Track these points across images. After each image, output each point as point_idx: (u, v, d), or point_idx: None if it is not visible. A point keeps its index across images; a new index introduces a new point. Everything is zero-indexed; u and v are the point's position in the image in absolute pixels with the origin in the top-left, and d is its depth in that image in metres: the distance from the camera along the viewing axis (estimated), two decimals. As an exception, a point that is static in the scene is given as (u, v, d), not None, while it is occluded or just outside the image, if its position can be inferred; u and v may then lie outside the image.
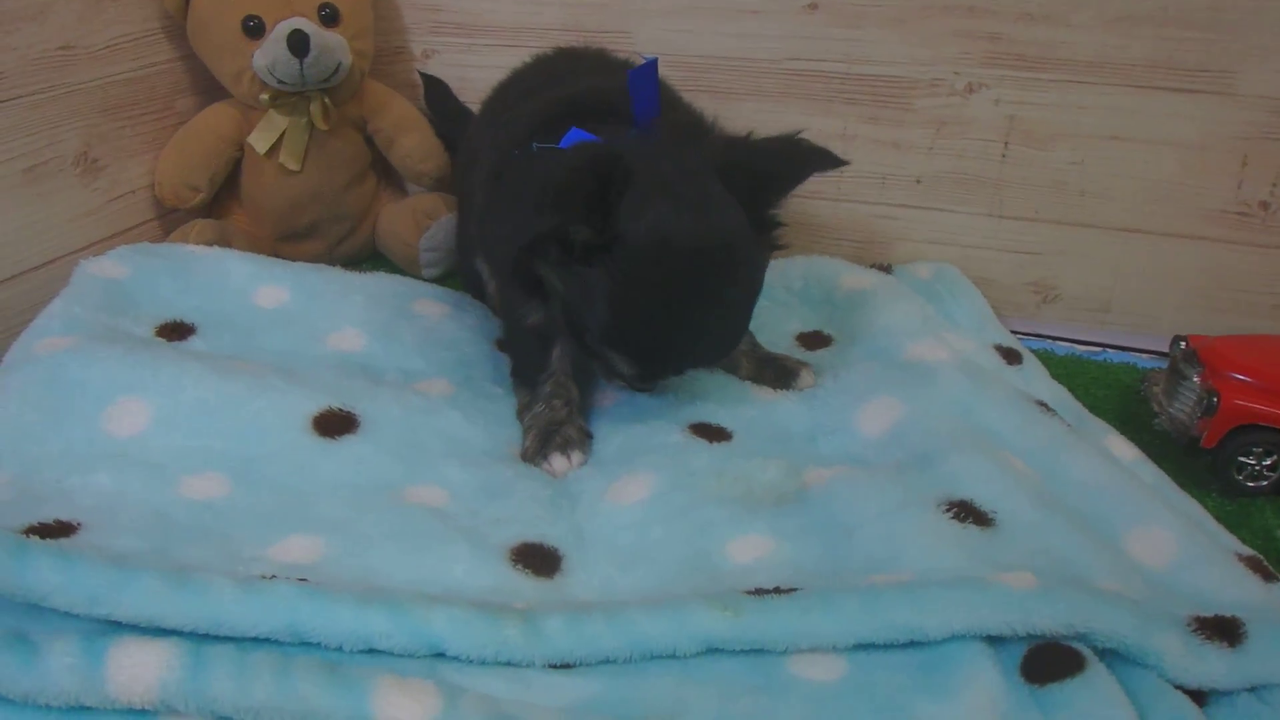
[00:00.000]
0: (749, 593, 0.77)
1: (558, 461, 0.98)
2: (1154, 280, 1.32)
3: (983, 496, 0.89)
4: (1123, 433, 1.10)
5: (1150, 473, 1.02)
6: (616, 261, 0.86)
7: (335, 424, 0.97)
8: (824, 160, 0.96)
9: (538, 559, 0.85)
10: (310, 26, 1.27)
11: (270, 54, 1.27)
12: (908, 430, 1.01)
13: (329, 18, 1.31)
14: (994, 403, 1.05)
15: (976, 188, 1.34)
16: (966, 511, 0.87)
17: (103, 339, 1.01)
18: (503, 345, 1.17)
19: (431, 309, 1.23)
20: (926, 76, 1.31)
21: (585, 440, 1.02)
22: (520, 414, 1.06)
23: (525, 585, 0.81)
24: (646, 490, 0.93)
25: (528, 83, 1.14)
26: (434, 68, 1.47)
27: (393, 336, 1.15)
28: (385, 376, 1.09)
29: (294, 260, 1.31)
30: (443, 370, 1.12)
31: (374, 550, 0.82)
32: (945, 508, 0.87)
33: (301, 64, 1.27)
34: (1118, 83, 1.25)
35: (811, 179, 0.95)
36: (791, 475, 0.96)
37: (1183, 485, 1.01)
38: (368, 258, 1.48)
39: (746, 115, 1.34)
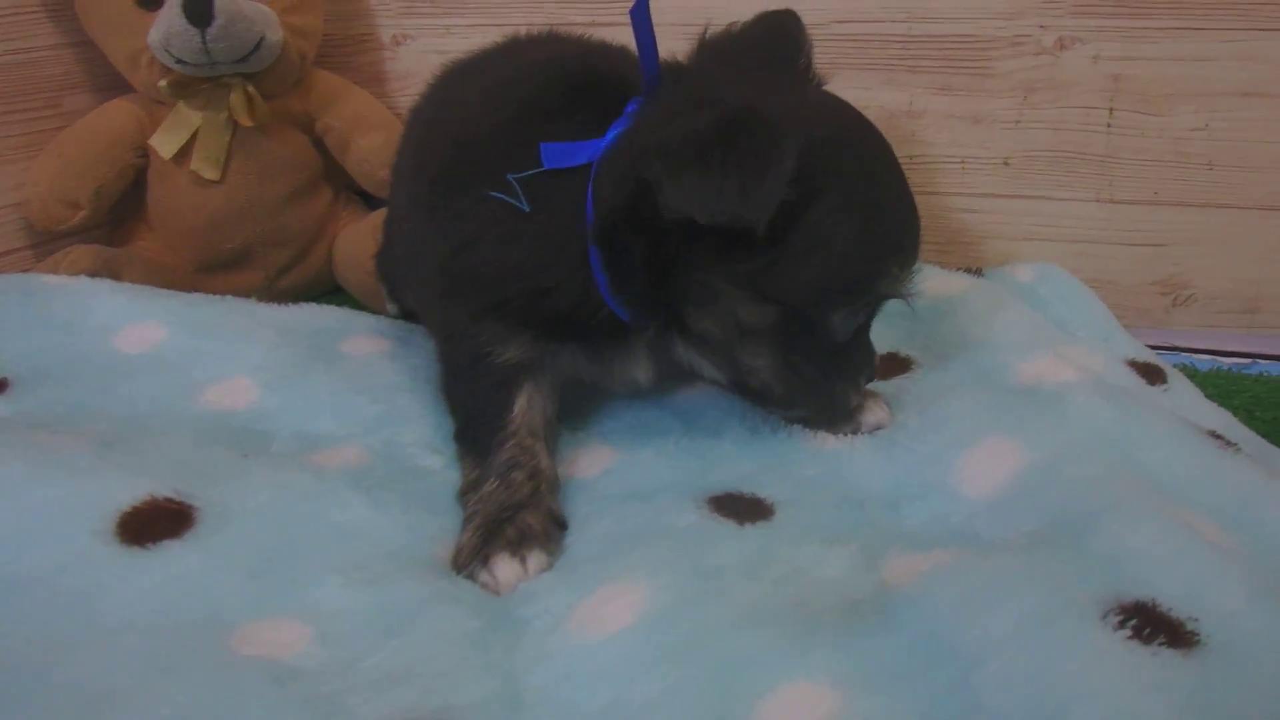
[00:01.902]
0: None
1: (504, 568, 0.67)
2: None
3: (1173, 592, 0.60)
4: None
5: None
6: (820, 184, 0.68)
7: (155, 523, 0.68)
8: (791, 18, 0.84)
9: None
10: (223, -10, 1.01)
11: (165, 24, 1.00)
12: (1035, 485, 0.73)
13: (252, -17, 1.05)
14: (1154, 436, 0.78)
15: (1079, 167, 1.10)
16: (1152, 623, 0.57)
17: None
18: (449, 400, 0.84)
19: (365, 346, 0.95)
20: (1007, 32, 1.07)
21: (552, 533, 0.71)
22: (463, 494, 0.76)
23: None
24: (636, 609, 0.61)
25: (455, 87, 0.88)
26: (407, 55, 1.22)
27: (298, 386, 0.87)
28: (272, 444, 0.81)
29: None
30: (358, 432, 0.83)
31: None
32: (1116, 616, 0.57)
33: (204, 35, 0.99)
34: (1247, 25, 1.02)
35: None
36: (866, 568, 0.67)
37: None
38: (326, 292, 1.18)
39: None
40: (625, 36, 1.11)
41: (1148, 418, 0.79)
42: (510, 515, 0.70)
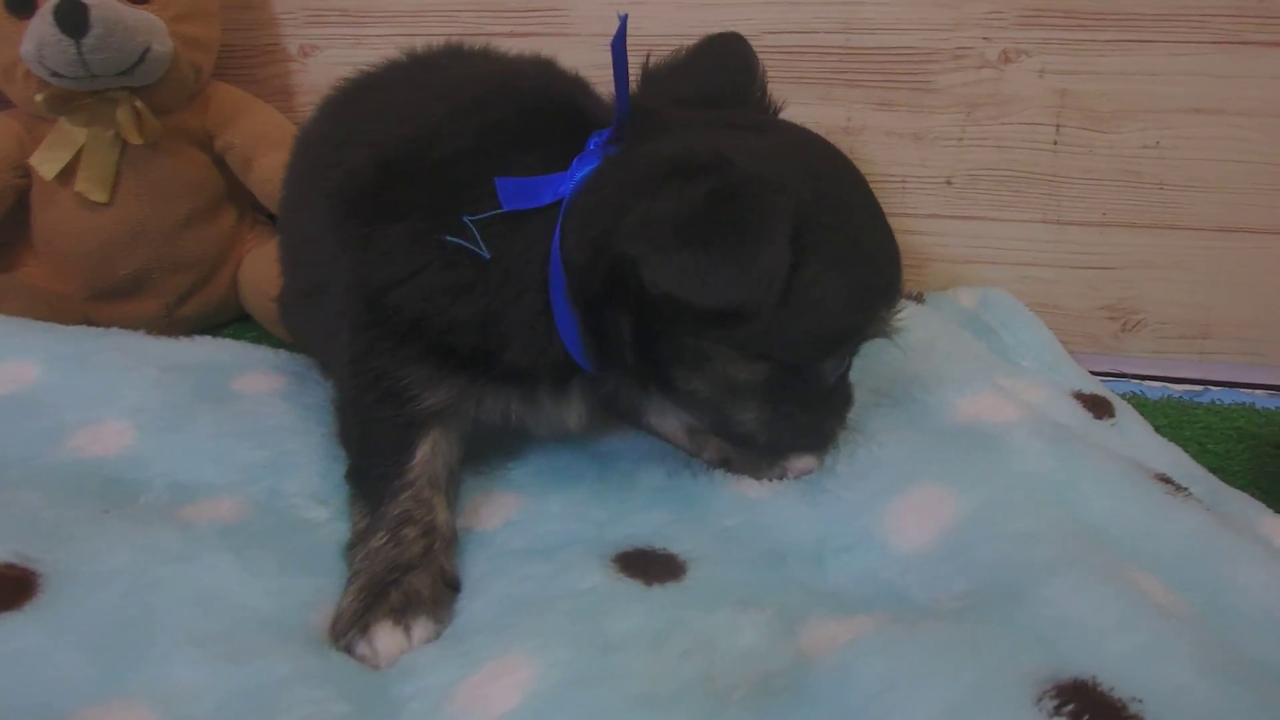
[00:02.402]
0: None
1: (385, 639, 0.60)
2: (1263, 293, 1.01)
3: (1115, 668, 0.54)
4: (1264, 502, 0.79)
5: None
6: (809, 241, 0.63)
7: None
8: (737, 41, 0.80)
9: None
10: (100, -3, 0.92)
11: (37, 34, 0.90)
12: (970, 540, 0.66)
13: (136, -11, 0.96)
14: (1099, 483, 0.72)
15: (1025, 186, 1.04)
16: (1090, 707, 0.51)
17: None
18: (347, 440, 0.75)
19: (258, 384, 0.86)
20: (949, 45, 1.00)
21: (442, 598, 0.64)
22: (350, 549, 0.68)
23: None
24: (524, 689, 0.55)
25: (367, 102, 0.78)
26: (316, 67, 1.12)
27: (178, 430, 0.78)
28: (141, 495, 0.73)
29: (115, 326, 0.96)
30: (239, 481, 0.75)
31: None
32: (1052, 700, 0.51)
33: (79, 46, 0.90)
34: (1199, 39, 0.96)
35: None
36: (783, 635, 0.60)
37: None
38: (230, 321, 1.10)
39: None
40: (543, 47, 1.05)
41: (1092, 462, 0.74)
42: (397, 577, 0.63)
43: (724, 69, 0.77)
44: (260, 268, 1.04)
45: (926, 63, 1.01)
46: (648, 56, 0.75)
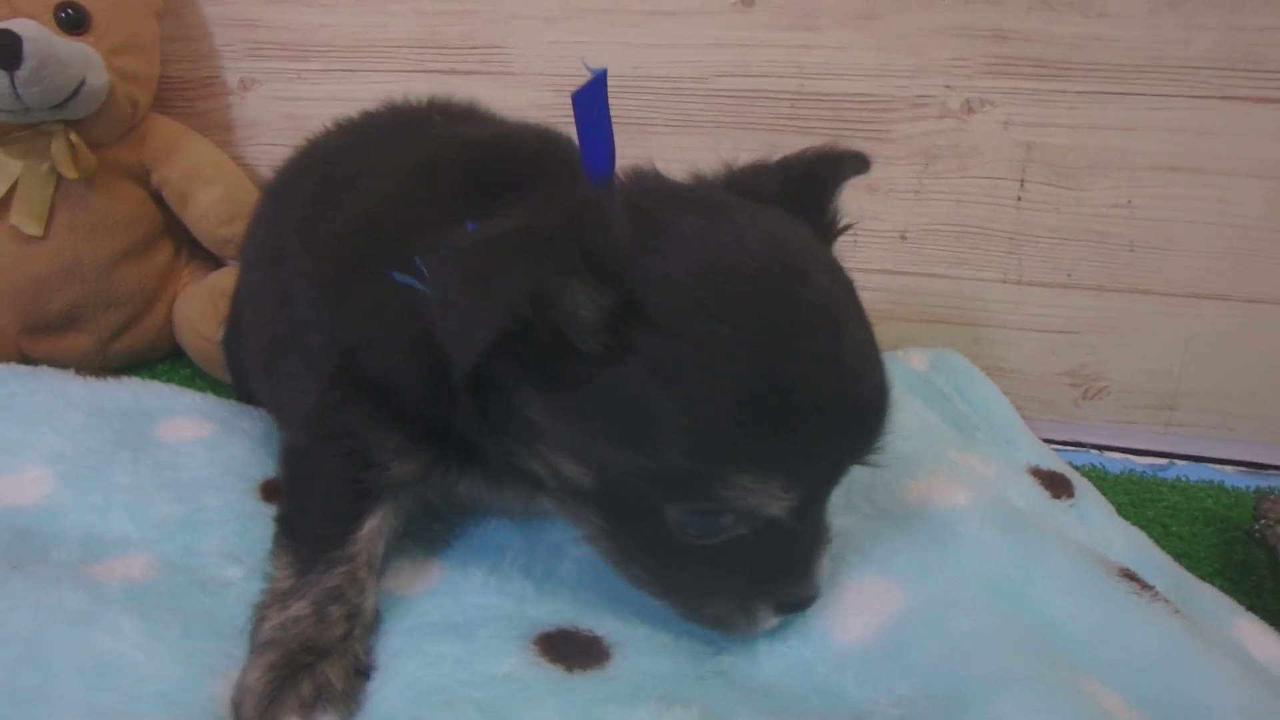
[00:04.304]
0: None
1: None
2: (1235, 363, 0.92)
3: None
4: (1232, 594, 0.72)
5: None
6: (667, 316, 0.50)
7: None
8: (856, 161, 0.65)
9: None
10: (32, 29, 0.85)
11: None
12: (914, 637, 0.59)
13: (71, 21, 0.89)
14: (1056, 579, 0.64)
15: (985, 243, 0.94)
16: None
17: None
18: (292, 492, 0.67)
19: (183, 431, 0.79)
20: (908, 93, 0.91)
21: (354, 689, 0.57)
22: (260, 612, 0.60)
23: None
24: None
25: (354, 156, 0.72)
26: (255, 101, 1.05)
27: (97, 479, 0.73)
28: (53, 551, 0.67)
29: (50, 363, 0.91)
30: (154, 537, 0.69)
31: None
32: None
33: (13, 79, 0.84)
34: (1176, 92, 0.87)
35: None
36: None
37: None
38: (164, 356, 1.02)
39: (665, 151, 0.94)
40: (484, 85, 0.99)
41: (1050, 556, 0.65)
42: (311, 661, 0.57)
43: (809, 174, 0.64)
44: (195, 304, 0.96)
45: (883, 111, 0.91)
46: (733, 159, 0.65)
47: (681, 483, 0.52)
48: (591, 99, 0.55)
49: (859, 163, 0.65)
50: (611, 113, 0.59)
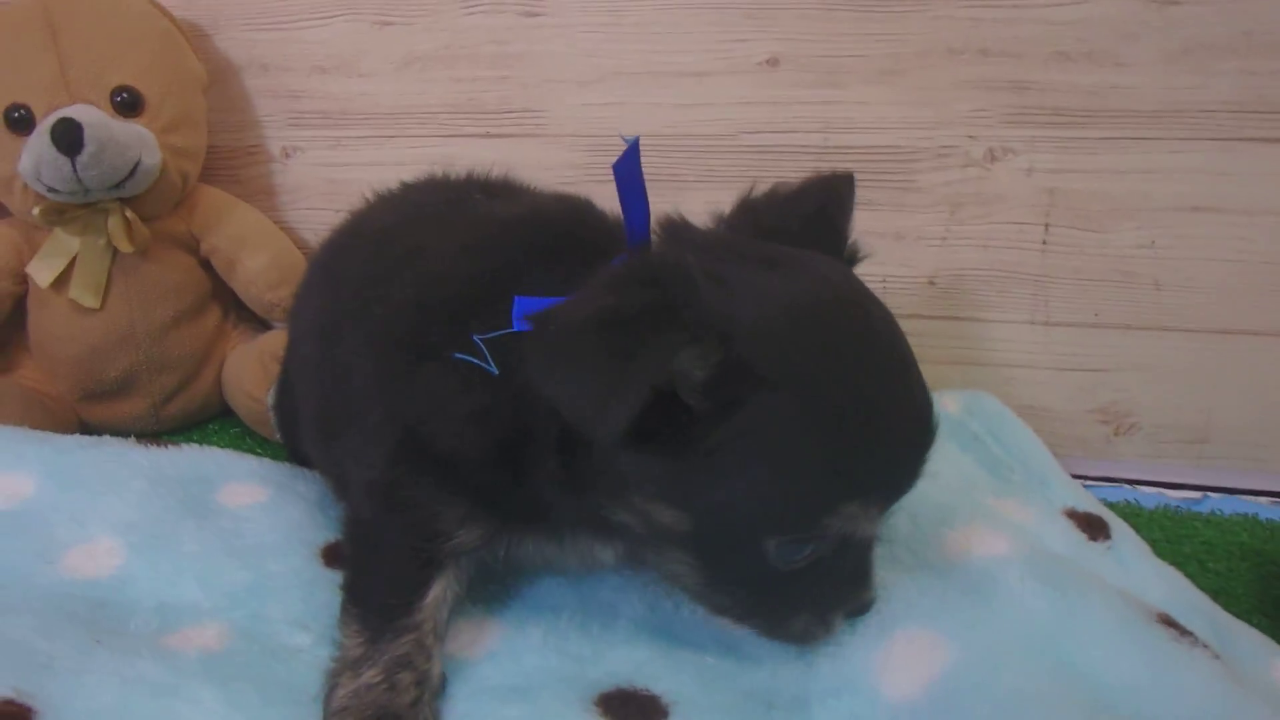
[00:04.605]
0: None
1: None
2: (1263, 396, 0.92)
3: None
4: (1270, 631, 0.71)
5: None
6: (770, 367, 0.53)
7: None
8: (848, 182, 0.70)
9: None
10: (91, 114, 0.88)
11: (34, 152, 0.88)
12: (963, 691, 0.60)
13: (127, 104, 0.92)
14: (1096, 629, 0.64)
15: (1012, 286, 0.96)
16: None
17: None
18: (357, 562, 0.70)
19: (242, 496, 0.82)
20: (932, 143, 0.93)
21: None
22: (331, 679, 0.62)
23: None
24: None
25: (402, 236, 0.74)
26: (297, 168, 1.08)
27: (166, 547, 0.75)
28: (130, 621, 0.69)
29: (107, 427, 0.97)
30: (224, 605, 0.71)
31: None
32: None
33: (74, 164, 0.87)
34: (1195, 135, 0.88)
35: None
36: None
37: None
38: (214, 416, 1.05)
39: (696, 205, 0.96)
40: (519, 148, 1.02)
41: (1090, 605, 0.66)
42: None
43: (822, 209, 0.68)
44: (243, 365, 1.00)
45: (909, 161, 0.93)
46: (751, 186, 0.68)
47: (790, 518, 0.55)
48: (629, 166, 0.59)
49: (850, 182, 0.70)
50: (644, 170, 0.63)
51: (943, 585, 0.67)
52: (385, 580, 0.64)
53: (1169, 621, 0.66)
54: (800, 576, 0.58)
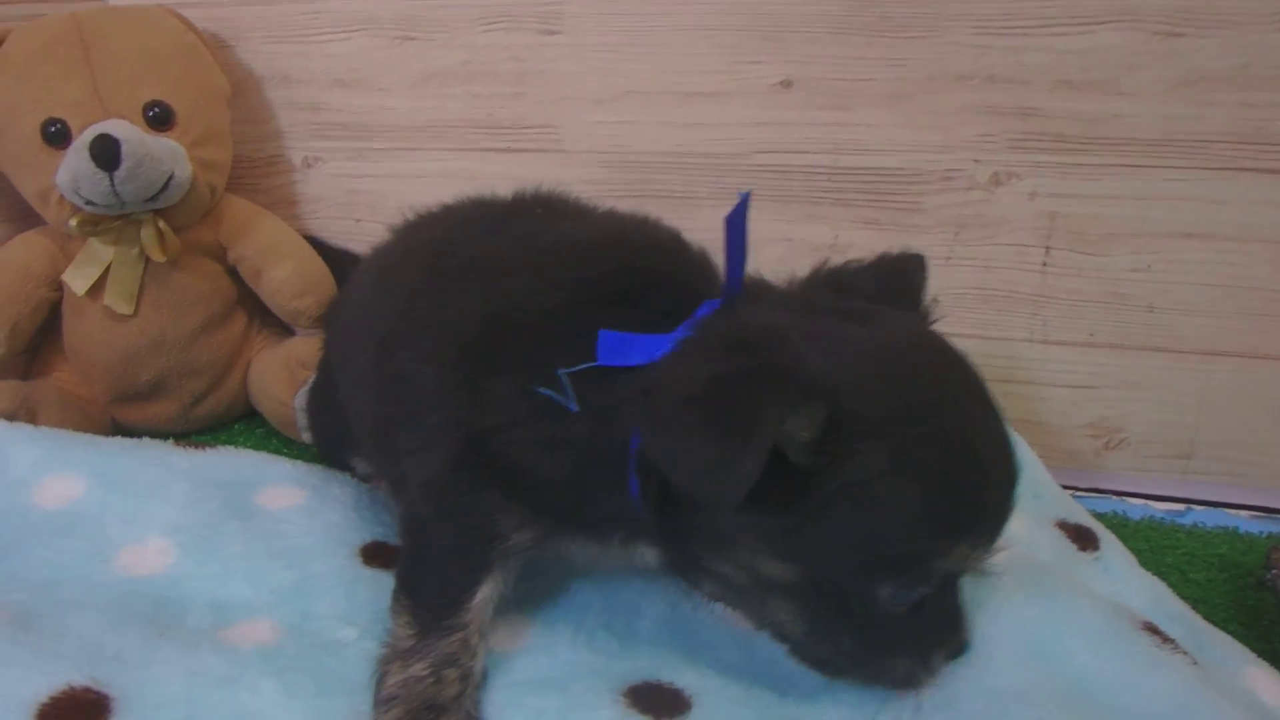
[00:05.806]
0: None
1: None
2: (1247, 416, 0.97)
3: None
4: (1244, 639, 0.76)
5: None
6: (874, 418, 0.55)
7: (73, 715, 0.61)
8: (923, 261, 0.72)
9: None
10: (127, 130, 0.92)
11: (72, 167, 0.91)
12: (957, 690, 0.64)
13: (159, 119, 0.96)
14: (1085, 634, 0.69)
15: (1012, 306, 1.00)
16: None
17: None
18: (412, 559, 0.73)
19: (279, 499, 0.86)
20: (938, 167, 0.96)
21: None
22: (382, 666, 0.66)
23: None
24: None
25: (462, 249, 0.73)
26: (318, 178, 1.12)
27: (214, 547, 0.79)
28: (187, 616, 0.73)
29: (138, 428, 1.02)
30: (273, 602, 0.75)
31: None
32: None
33: (112, 179, 0.90)
34: (1191, 164, 0.92)
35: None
36: None
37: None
38: (239, 417, 1.09)
39: (707, 222, 0.99)
40: (536, 163, 1.03)
41: (1077, 610, 0.70)
42: (431, 718, 0.64)
43: (897, 274, 0.70)
44: (271, 371, 1.04)
45: (915, 183, 0.97)
46: (824, 261, 0.69)
47: (905, 562, 0.57)
48: (738, 218, 0.61)
49: (922, 262, 0.72)
50: (655, 187, 0.64)
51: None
52: (437, 577, 0.68)
53: (1152, 629, 0.72)
54: (902, 620, 0.60)
